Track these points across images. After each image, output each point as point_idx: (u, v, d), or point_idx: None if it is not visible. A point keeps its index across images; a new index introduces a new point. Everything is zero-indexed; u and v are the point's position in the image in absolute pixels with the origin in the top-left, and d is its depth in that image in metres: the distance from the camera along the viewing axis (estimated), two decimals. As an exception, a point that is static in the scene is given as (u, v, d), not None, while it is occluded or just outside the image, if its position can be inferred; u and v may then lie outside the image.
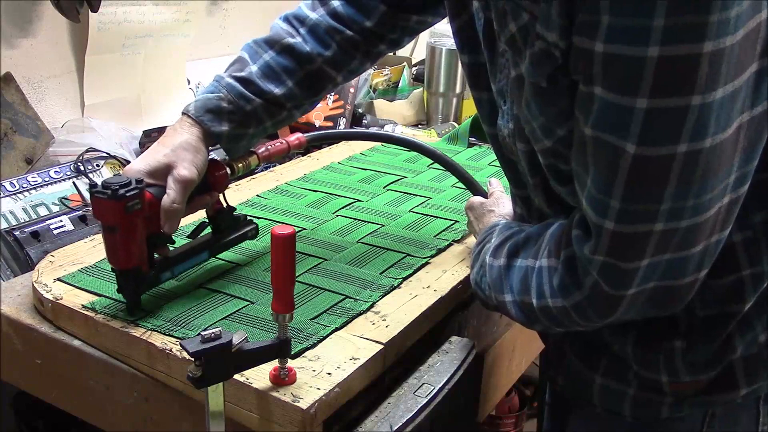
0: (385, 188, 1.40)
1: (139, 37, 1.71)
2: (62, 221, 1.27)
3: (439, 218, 1.25)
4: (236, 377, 0.79)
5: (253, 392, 0.81)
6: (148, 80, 1.78)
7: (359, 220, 1.24)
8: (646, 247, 0.66)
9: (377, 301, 0.98)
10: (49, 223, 1.26)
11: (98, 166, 1.45)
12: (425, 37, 2.65)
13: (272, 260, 0.78)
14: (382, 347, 0.88)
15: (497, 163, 1.53)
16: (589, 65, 0.62)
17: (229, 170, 1.03)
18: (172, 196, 0.92)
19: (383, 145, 1.66)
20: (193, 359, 0.73)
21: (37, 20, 1.53)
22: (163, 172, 0.93)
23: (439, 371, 0.91)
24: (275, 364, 0.80)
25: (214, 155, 1.04)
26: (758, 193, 0.71)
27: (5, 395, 1.18)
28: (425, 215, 1.27)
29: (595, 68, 0.61)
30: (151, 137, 1.59)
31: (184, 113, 0.99)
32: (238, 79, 1.01)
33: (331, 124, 2.00)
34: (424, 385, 0.89)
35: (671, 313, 0.74)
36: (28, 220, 1.28)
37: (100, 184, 0.86)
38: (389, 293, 1.00)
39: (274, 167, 1.54)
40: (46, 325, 0.98)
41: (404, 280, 1.04)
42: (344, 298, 0.98)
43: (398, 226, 1.22)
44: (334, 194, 1.34)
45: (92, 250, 1.10)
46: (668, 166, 0.62)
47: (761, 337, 0.78)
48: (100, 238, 1.14)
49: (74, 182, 1.40)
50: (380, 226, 1.21)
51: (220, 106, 0.99)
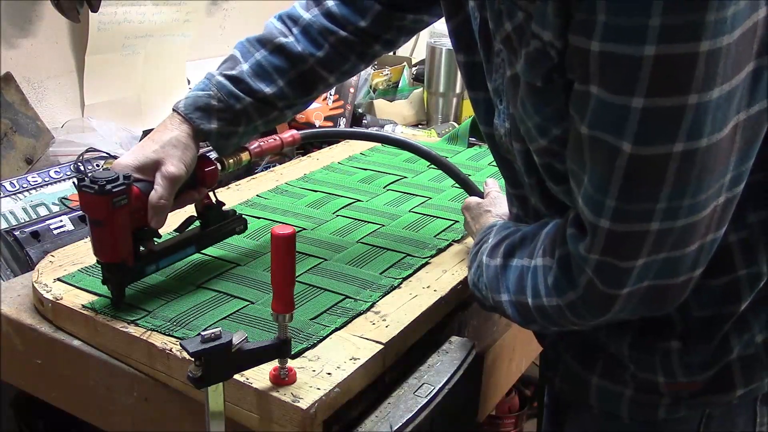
0: (385, 188, 1.40)
1: (139, 37, 1.71)
2: (62, 221, 1.27)
3: (439, 218, 1.25)
4: (236, 377, 0.79)
5: (253, 392, 0.81)
6: (148, 80, 1.78)
7: (359, 220, 1.24)
8: (641, 246, 0.66)
9: (377, 301, 0.98)
10: (49, 223, 1.26)
11: (98, 166, 1.45)
12: (425, 37, 2.66)
13: (272, 260, 0.78)
14: (382, 347, 0.88)
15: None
16: (585, 64, 0.62)
17: (219, 166, 1.03)
18: (159, 192, 0.92)
19: (383, 145, 1.65)
20: (193, 359, 0.73)
21: (37, 20, 1.53)
22: (151, 167, 0.93)
23: (439, 371, 0.91)
24: (275, 364, 0.80)
25: (206, 152, 1.04)
26: (754, 193, 0.71)
27: (5, 395, 1.18)
28: (425, 215, 1.27)
29: (591, 67, 0.61)
30: (151, 137, 1.59)
31: (174, 110, 1.00)
32: (228, 77, 1.01)
33: (331, 124, 2.00)
34: (424, 385, 0.89)
35: (665, 312, 0.74)
36: (28, 220, 1.28)
37: (87, 178, 0.87)
38: (389, 293, 1.00)
39: (274, 167, 1.54)
40: (46, 325, 0.98)
41: (404, 280, 1.04)
42: (344, 298, 0.98)
43: (398, 226, 1.22)
44: (334, 194, 1.34)
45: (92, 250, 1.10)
46: (664, 165, 0.62)
47: (758, 337, 0.78)
48: (100, 238, 1.14)
49: (74, 182, 1.40)
50: (380, 226, 1.21)
51: (209, 103, 0.99)
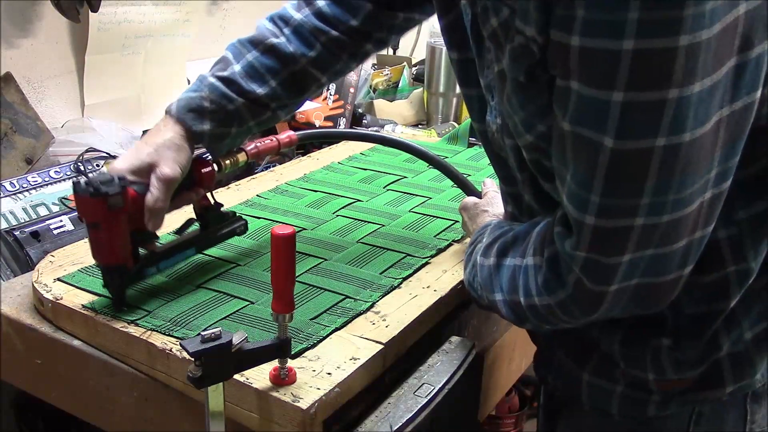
0: (385, 188, 1.40)
1: (139, 37, 1.71)
2: (62, 221, 1.27)
3: (439, 218, 1.25)
4: (236, 377, 0.79)
5: (253, 392, 0.81)
6: (148, 80, 1.78)
7: (359, 220, 1.24)
8: (627, 242, 0.66)
9: (377, 301, 0.98)
10: (49, 223, 1.26)
11: (98, 166, 1.45)
12: (425, 37, 2.66)
13: (272, 260, 0.78)
14: (382, 347, 0.88)
15: (497, 163, 1.53)
16: (565, 60, 0.62)
17: (216, 167, 1.03)
18: (155, 194, 0.93)
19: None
20: (193, 359, 0.73)
21: (37, 20, 1.53)
22: (146, 170, 0.94)
23: (439, 371, 0.91)
24: (275, 364, 0.80)
25: (203, 153, 1.04)
26: (742, 189, 0.71)
27: (5, 395, 1.18)
28: (425, 215, 1.27)
29: (571, 62, 0.61)
30: (151, 137, 1.59)
31: (166, 112, 1.00)
32: (220, 78, 1.01)
33: (331, 124, 2.00)
34: (424, 385, 0.89)
35: (657, 310, 0.74)
36: (28, 220, 1.28)
37: (83, 181, 0.87)
38: (389, 293, 1.00)
39: (274, 167, 1.54)
40: (46, 325, 0.98)
41: (404, 280, 1.04)
42: (344, 298, 0.98)
43: (398, 226, 1.22)
44: (334, 194, 1.34)
45: (92, 250, 1.10)
46: (647, 160, 0.62)
47: (747, 334, 0.78)
48: (100, 238, 1.14)
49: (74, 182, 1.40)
50: (380, 226, 1.21)
51: (202, 105, 1.00)
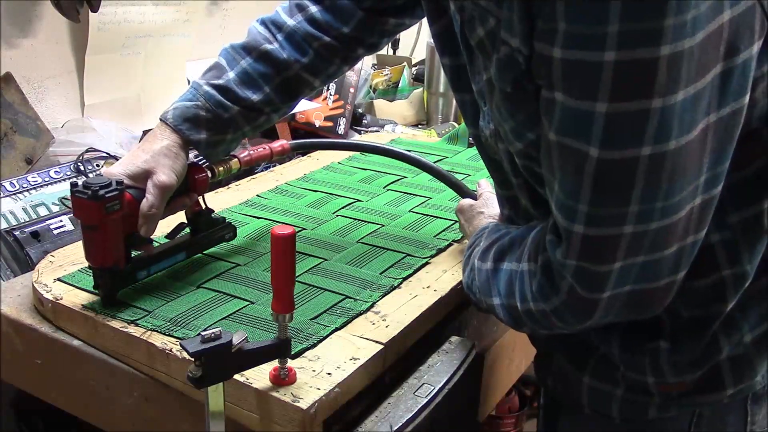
0: (385, 188, 1.39)
1: (139, 37, 1.71)
2: (62, 221, 1.27)
3: (439, 218, 1.25)
4: (236, 377, 0.79)
5: (253, 392, 0.81)
6: (148, 80, 1.78)
7: (359, 220, 1.24)
8: (617, 250, 0.66)
9: (377, 301, 0.98)
10: (49, 223, 1.26)
11: (98, 166, 1.45)
12: (425, 37, 2.66)
13: (272, 260, 0.78)
14: (382, 347, 0.88)
15: (497, 163, 1.53)
16: (549, 71, 0.62)
17: (209, 173, 1.05)
18: (150, 200, 0.94)
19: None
20: (193, 359, 0.73)
21: (37, 20, 1.53)
22: (142, 176, 0.95)
23: (439, 371, 0.91)
24: (275, 364, 0.80)
25: (198, 160, 1.05)
26: (733, 193, 0.71)
27: (5, 395, 1.18)
28: (425, 215, 1.27)
29: (554, 74, 0.62)
30: (151, 137, 1.59)
31: (162, 120, 1.01)
32: (215, 87, 1.02)
33: (331, 124, 2.01)
34: (424, 385, 0.89)
35: (651, 316, 0.74)
36: (28, 220, 1.28)
37: (80, 184, 0.88)
38: (389, 293, 1.00)
39: (274, 167, 1.54)
40: (46, 325, 0.98)
41: (404, 280, 1.04)
42: (344, 298, 0.98)
43: (398, 226, 1.22)
44: (334, 194, 1.34)
45: (92, 250, 1.10)
46: (633, 168, 0.62)
47: (747, 337, 0.78)
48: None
49: (74, 182, 1.40)
50: (380, 226, 1.21)
51: (198, 114, 1.01)
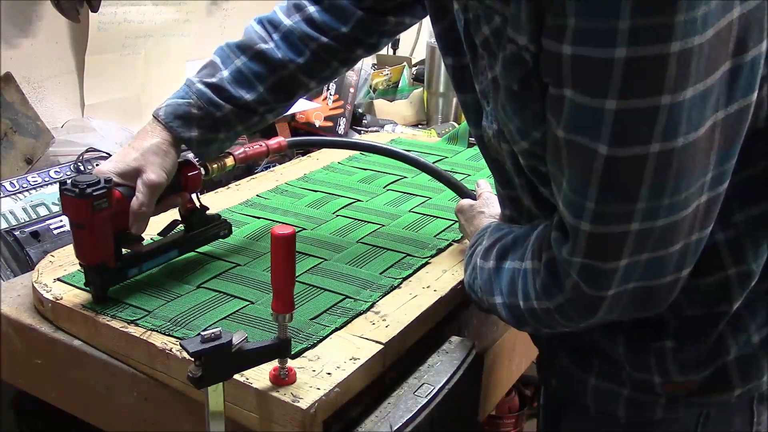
0: (385, 188, 1.39)
1: (139, 37, 1.71)
2: (62, 221, 1.27)
3: (439, 218, 1.25)
4: (236, 377, 0.79)
5: (253, 392, 0.81)
6: (148, 80, 1.78)
7: (359, 220, 1.24)
8: (623, 247, 0.66)
9: (377, 301, 0.98)
10: (49, 223, 1.26)
11: (98, 166, 1.45)
12: (425, 37, 2.66)
13: (272, 260, 0.78)
14: (382, 347, 0.88)
15: (497, 163, 1.53)
16: (558, 68, 0.62)
17: (202, 171, 1.04)
18: (141, 199, 0.94)
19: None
20: (193, 359, 0.73)
21: (37, 20, 1.53)
22: (132, 174, 0.95)
23: (439, 371, 0.91)
24: (275, 364, 0.80)
25: (188, 156, 1.05)
26: (739, 192, 0.71)
27: (5, 395, 1.18)
28: (425, 215, 1.27)
29: (564, 71, 0.62)
30: (151, 137, 1.59)
31: (154, 116, 1.00)
32: (208, 85, 1.01)
33: (331, 124, 2.00)
34: (424, 385, 0.89)
35: (655, 313, 0.74)
36: (28, 220, 1.28)
37: (69, 182, 0.88)
38: (389, 293, 1.00)
39: (274, 167, 1.54)
40: (46, 325, 0.98)
41: (404, 280, 1.04)
42: (344, 298, 0.98)
43: (398, 226, 1.22)
44: (334, 194, 1.34)
45: (92, 250, 1.10)
46: (641, 166, 0.62)
47: (755, 337, 0.78)
48: (100, 238, 1.14)
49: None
50: (380, 226, 1.21)
51: (189, 112, 1.00)
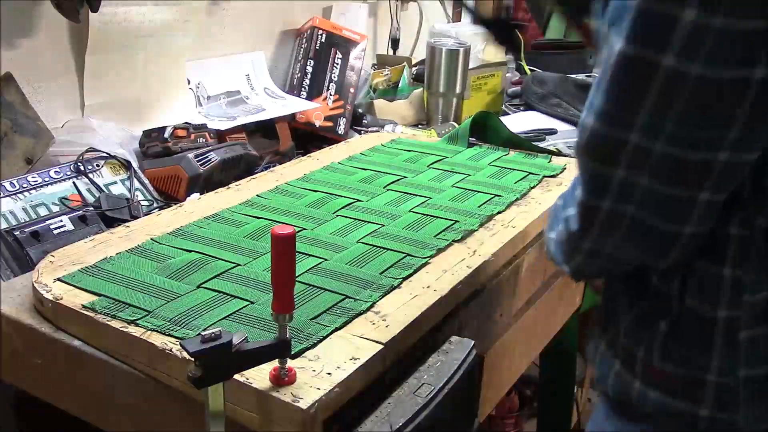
0: (385, 188, 1.39)
1: (139, 37, 1.71)
2: (62, 221, 1.27)
3: (439, 218, 1.25)
4: (236, 377, 0.79)
5: (253, 392, 0.81)
6: (148, 80, 1.78)
7: (359, 220, 1.23)
8: (619, 155, 0.64)
9: (377, 301, 0.98)
10: (49, 223, 1.26)
11: (98, 166, 1.45)
12: (425, 37, 2.66)
13: (272, 260, 0.78)
14: (382, 347, 0.88)
15: (497, 162, 1.54)
16: None
17: None
18: None
19: (383, 144, 1.66)
20: (193, 359, 0.73)
21: (37, 20, 1.53)
22: None
23: (439, 371, 0.91)
24: (275, 364, 0.80)
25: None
26: (762, 197, 0.69)
27: (5, 395, 1.18)
28: (425, 215, 1.26)
29: None
30: (151, 137, 1.59)
31: None
32: None
33: (331, 124, 2.01)
34: (424, 385, 0.89)
35: (657, 264, 0.72)
36: (28, 220, 1.28)
37: None
38: (389, 293, 1.00)
39: (274, 167, 1.54)
40: (46, 325, 0.98)
41: (404, 280, 1.04)
42: (344, 298, 0.98)
43: (398, 226, 1.22)
44: (334, 194, 1.34)
45: (92, 250, 1.10)
46: (650, 74, 0.60)
47: (741, 372, 0.75)
48: (100, 238, 1.14)
49: (74, 182, 1.40)
50: (380, 226, 1.21)
51: None
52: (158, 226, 1.18)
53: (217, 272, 1.04)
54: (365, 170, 1.49)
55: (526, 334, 1.36)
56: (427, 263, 1.09)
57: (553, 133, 2.15)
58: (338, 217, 1.25)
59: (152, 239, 1.13)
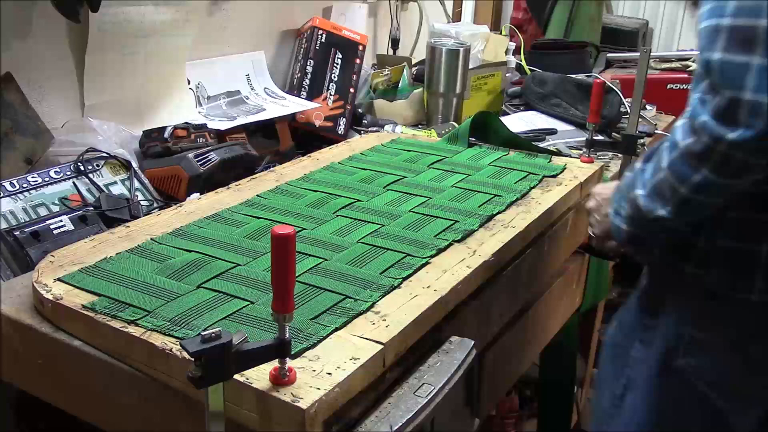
0: (385, 188, 1.39)
1: (139, 37, 1.71)
2: (62, 221, 1.27)
3: (439, 218, 1.25)
4: (236, 377, 0.79)
5: (253, 392, 0.81)
6: (148, 80, 1.78)
7: (359, 220, 1.24)
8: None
9: (377, 301, 0.98)
10: (49, 223, 1.26)
11: (98, 166, 1.45)
12: (425, 37, 2.66)
13: (272, 260, 0.78)
14: (382, 347, 0.88)
15: (497, 162, 1.54)
16: None
17: None
18: None
19: (383, 144, 1.66)
20: (193, 359, 0.73)
21: (37, 20, 1.53)
22: None
23: (439, 371, 0.92)
24: (275, 364, 0.80)
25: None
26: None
27: (5, 395, 1.18)
28: (425, 215, 1.26)
29: None
30: (151, 137, 1.59)
31: None
32: None
33: (331, 124, 2.01)
34: (424, 385, 0.89)
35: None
36: (28, 220, 1.29)
37: None
38: (389, 293, 1.00)
39: (274, 167, 1.54)
40: (46, 325, 0.98)
41: (404, 280, 1.04)
42: (344, 298, 0.98)
43: (398, 226, 1.22)
44: (334, 194, 1.34)
45: (92, 250, 1.10)
46: None
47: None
48: (100, 238, 1.15)
49: (74, 182, 1.40)
50: (380, 226, 1.21)
51: None
52: (158, 226, 1.19)
53: (217, 272, 1.04)
54: (365, 170, 1.49)
55: (526, 333, 1.36)
56: (427, 263, 1.09)
57: (553, 133, 2.15)
58: (338, 217, 1.25)
59: (152, 239, 1.13)
